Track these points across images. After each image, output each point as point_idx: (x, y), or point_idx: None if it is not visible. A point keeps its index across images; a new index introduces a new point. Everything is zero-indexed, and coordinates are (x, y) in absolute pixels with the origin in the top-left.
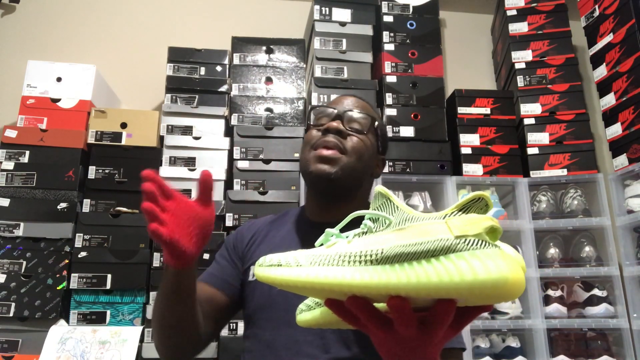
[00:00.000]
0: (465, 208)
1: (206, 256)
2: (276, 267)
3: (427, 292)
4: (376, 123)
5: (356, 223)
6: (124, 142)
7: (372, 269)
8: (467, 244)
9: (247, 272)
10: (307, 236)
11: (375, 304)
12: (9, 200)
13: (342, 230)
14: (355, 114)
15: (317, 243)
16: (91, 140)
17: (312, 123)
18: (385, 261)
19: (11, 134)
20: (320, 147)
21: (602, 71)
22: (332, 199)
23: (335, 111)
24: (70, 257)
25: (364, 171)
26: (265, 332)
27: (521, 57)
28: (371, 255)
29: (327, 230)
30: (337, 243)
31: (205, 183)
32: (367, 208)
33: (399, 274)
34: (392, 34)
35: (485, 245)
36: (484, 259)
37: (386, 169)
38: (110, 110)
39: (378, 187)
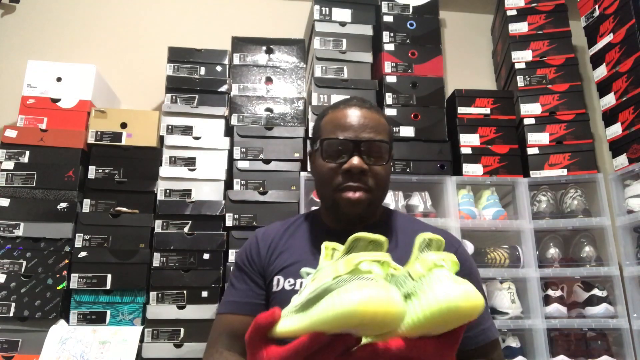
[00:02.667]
0: (350, 249)
1: (206, 256)
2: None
3: (321, 328)
4: (392, 144)
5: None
6: (124, 142)
7: (295, 316)
8: (339, 283)
9: (271, 283)
10: None
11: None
12: (9, 200)
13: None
14: (375, 143)
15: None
16: (91, 140)
17: (324, 156)
18: (302, 308)
19: (11, 134)
20: (345, 190)
21: (602, 71)
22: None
23: (352, 144)
24: (70, 257)
25: (385, 193)
26: None
27: (521, 57)
28: (297, 306)
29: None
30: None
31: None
32: (382, 211)
33: (304, 318)
34: (392, 34)
35: (354, 279)
36: (341, 292)
37: None
38: (110, 110)
39: (323, 244)
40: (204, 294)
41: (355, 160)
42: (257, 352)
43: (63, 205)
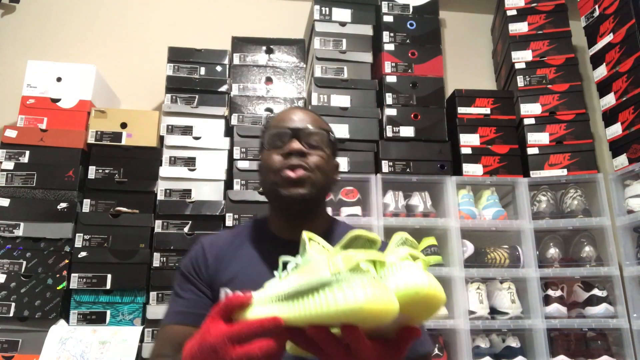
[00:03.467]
0: (347, 245)
1: None
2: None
3: (316, 321)
4: (330, 136)
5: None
6: (124, 142)
7: (280, 305)
8: (339, 278)
9: (219, 295)
10: (275, 254)
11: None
12: (9, 200)
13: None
14: (312, 130)
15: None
16: (91, 140)
17: (267, 147)
18: (289, 298)
19: (11, 134)
20: (285, 169)
21: (602, 71)
22: (303, 217)
23: (290, 131)
24: (70, 257)
25: (328, 184)
26: None
27: (521, 57)
28: (281, 295)
29: (275, 272)
30: (272, 282)
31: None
32: (328, 220)
33: (295, 308)
34: (392, 34)
35: (356, 277)
36: (345, 289)
37: (386, 169)
38: (110, 110)
39: (302, 234)
40: None
41: (295, 143)
42: (213, 326)
43: (63, 205)
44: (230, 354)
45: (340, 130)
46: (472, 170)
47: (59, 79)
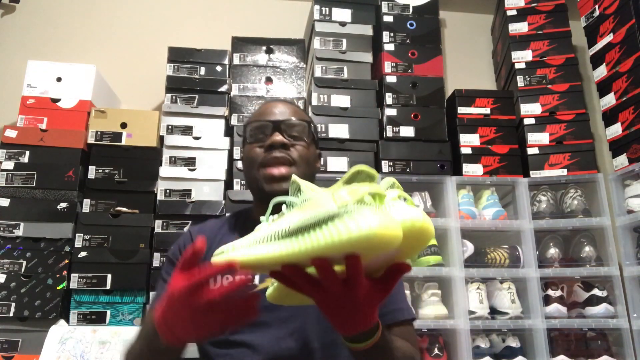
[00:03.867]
0: (349, 180)
1: None
2: (220, 255)
3: (324, 253)
4: (312, 126)
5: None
6: (124, 142)
7: (283, 242)
8: (347, 209)
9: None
10: None
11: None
12: (9, 200)
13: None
14: (293, 121)
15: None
16: (91, 140)
17: (249, 140)
18: (291, 234)
19: (11, 134)
20: (269, 164)
21: (602, 71)
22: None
23: (272, 124)
24: (70, 257)
25: (311, 175)
26: (242, 335)
27: (521, 57)
28: (282, 232)
29: (261, 217)
30: (262, 227)
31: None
32: None
33: (300, 243)
34: (392, 34)
35: (363, 207)
36: (356, 218)
37: (386, 169)
38: (110, 110)
39: (292, 177)
40: None
41: (277, 136)
42: (174, 281)
43: (63, 205)
44: (194, 303)
45: (340, 130)
46: (472, 170)
47: (59, 79)
